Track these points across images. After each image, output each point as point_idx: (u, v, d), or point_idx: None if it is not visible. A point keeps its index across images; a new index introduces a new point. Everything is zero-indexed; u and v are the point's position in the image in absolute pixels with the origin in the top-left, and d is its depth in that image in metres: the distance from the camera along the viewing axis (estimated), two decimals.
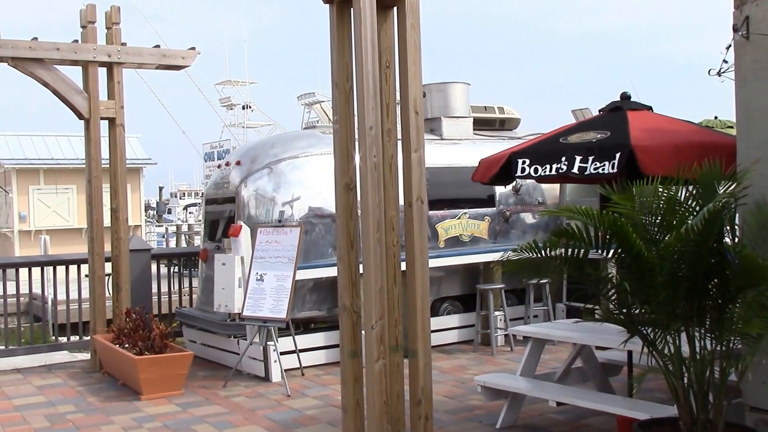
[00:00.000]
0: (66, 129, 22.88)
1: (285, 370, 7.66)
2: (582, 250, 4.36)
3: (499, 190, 9.78)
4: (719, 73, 4.97)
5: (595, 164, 5.32)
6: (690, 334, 4.26)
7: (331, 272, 8.12)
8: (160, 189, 48.94)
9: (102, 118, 8.75)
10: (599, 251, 4.46)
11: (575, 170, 5.38)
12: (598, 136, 5.59)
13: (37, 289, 12.07)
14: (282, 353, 7.85)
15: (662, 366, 4.35)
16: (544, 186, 10.04)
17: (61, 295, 9.68)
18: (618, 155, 5.25)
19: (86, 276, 9.18)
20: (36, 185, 21.21)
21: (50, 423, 6.62)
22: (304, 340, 8.37)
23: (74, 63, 8.62)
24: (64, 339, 9.86)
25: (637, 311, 4.45)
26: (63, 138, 22.19)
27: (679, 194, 4.29)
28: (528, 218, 10.15)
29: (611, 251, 4.37)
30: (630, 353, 5.77)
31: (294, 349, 8.08)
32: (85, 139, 8.89)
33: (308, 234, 8.40)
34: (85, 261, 9.18)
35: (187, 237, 27.97)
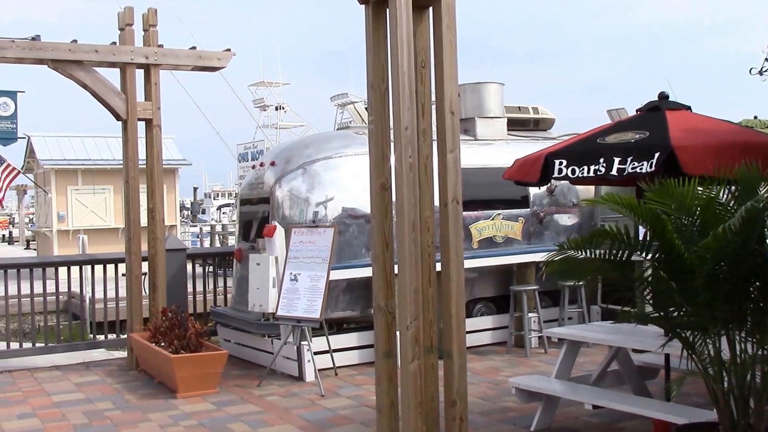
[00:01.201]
0: (102, 130, 23.22)
1: (318, 370, 7.69)
2: (623, 252, 4.30)
3: (533, 191, 9.71)
4: (761, 72, 4.88)
5: (634, 164, 5.25)
6: (730, 337, 4.19)
7: (365, 273, 8.12)
8: (195, 189, 49.49)
9: (139, 119, 8.86)
10: (638, 252, 4.40)
11: (614, 172, 5.30)
12: (637, 136, 5.51)
13: (75, 288, 12.27)
14: (315, 353, 7.88)
15: (702, 370, 4.28)
16: (578, 187, 9.95)
17: (99, 294, 9.82)
18: (657, 155, 5.18)
19: (123, 275, 9.31)
20: (74, 185, 21.54)
21: (88, 419, 6.72)
22: (338, 340, 8.39)
23: (112, 65, 8.75)
24: (101, 337, 10.00)
25: (675, 313, 4.39)
26: (100, 139, 22.50)
27: (720, 195, 4.22)
28: (562, 219, 10.06)
29: (651, 252, 4.31)
30: (667, 356, 5.69)
31: (327, 349, 8.10)
32: (122, 140, 9.02)
33: (342, 234, 8.42)
34: (122, 260, 9.31)
35: (221, 237, 28.23)
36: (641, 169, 5.18)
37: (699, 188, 4.28)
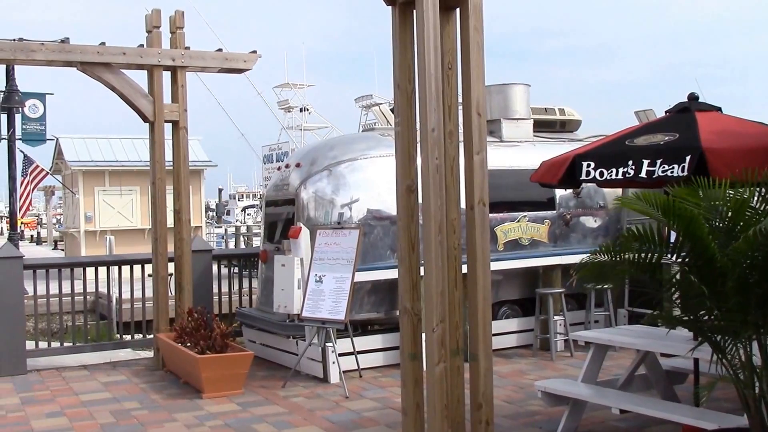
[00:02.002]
0: (129, 131, 23.44)
1: (343, 372, 7.69)
2: (654, 254, 4.25)
3: (560, 193, 9.65)
4: None
5: (663, 167, 5.18)
6: (762, 341, 4.12)
7: (389, 274, 8.12)
8: (220, 191, 49.81)
9: (166, 121, 8.92)
10: (668, 254, 4.35)
11: (643, 174, 5.23)
12: (666, 138, 5.43)
13: (102, 288, 12.38)
14: (340, 355, 7.88)
15: (732, 375, 4.22)
16: (605, 189, 9.86)
17: (126, 294, 9.90)
18: (688, 158, 5.10)
19: (150, 276, 9.38)
20: (101, 186, 21.76)
21: (115, 419, 6.77)
22: (362, 341, 8.39)
23: (140, 67, 8.81)
24: (128, 337, 10.08)
25: (706, 317, 4.33)
26: (127, 140, 22.72)
27: (752, 198, 4.16)
28: (589, 222, 9.98)
29: (680, 255, 4.25)
30: (696, 361, 5.62)
31: (352, 350, 8.10)
32: (149, 141, 9.09)
33: (366, 236, 8.41)
34: (148, 261, 9.38)
35: (246, 238, 28.35)
36: (672, 172, 5.11)
37: (730, 191, 4.22)
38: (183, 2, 9.22)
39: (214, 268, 10.20)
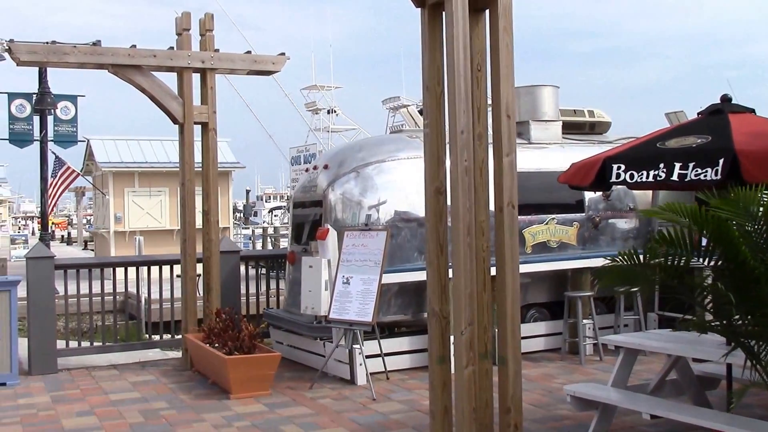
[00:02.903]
0: (159, 133, 23.67)
1: (370, 374, 7.68)
2: (682, 258, 4.19)
3: (589, 195, 9.55)
4: None
5: (696, 170, 5.10)
6: None
7: (417, 276, 8.10)
8: (247, 192, 50.00)
9: (195, 123, 8.98)
10: (699, 259, 4.29)
11: (675, 178, 5.15)
12: (699, 140, 5.35)
13: (132, 288, 12.50)
14: (367, 356, 7.87)
15: (766, 381, 4.15)
16: (635, 191, 9.75)
17: (155, 294, 9.97)
18: (722, 161, 5.02)
19: (178, 276, 9.44)
20: (131, 187, 22.01)
21: (144, 418, 6.82)
22: (389, 343, 8.37)
23: (170, 69, 8.88)
24: (157, 337, 10.16)
25: (739, 322, 4.26)
26: (156, 142, 22.95)
27: None
28: (618, 224, 9.88)
29: (712, 259, 4.19)
30: (729, 366, 5.53)
31: (379, 352, 8.09)
32: (179, 143, 9.15)
33: (394, 238, 8.40)
34: (177, 261, 9.44)
35: (273, 239, 28.49)
36: (705, 176, 5.03)
37: (765, 193, 4.15)
38: (211, 4, 9.29)
39: (242, 269, 10.24)
